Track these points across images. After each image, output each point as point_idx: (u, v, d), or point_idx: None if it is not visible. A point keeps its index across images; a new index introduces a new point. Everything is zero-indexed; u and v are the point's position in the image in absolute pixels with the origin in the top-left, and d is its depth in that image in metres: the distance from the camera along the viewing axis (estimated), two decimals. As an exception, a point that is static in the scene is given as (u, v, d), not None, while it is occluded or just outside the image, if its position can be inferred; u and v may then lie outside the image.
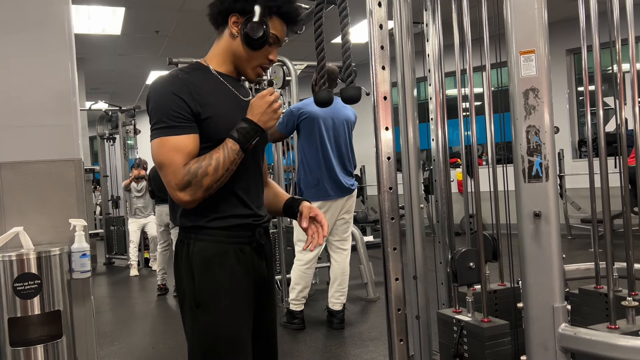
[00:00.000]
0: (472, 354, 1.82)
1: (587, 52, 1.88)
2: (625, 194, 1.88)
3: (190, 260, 1.44)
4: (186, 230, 1.47)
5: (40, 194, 2.38)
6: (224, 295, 1.44)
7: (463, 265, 1.89)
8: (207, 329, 1.43)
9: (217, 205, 1.44)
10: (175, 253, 1.51)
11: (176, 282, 1.52)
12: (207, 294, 1.42)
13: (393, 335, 1.77)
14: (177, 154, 1.36)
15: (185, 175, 1.36)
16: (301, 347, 3.50)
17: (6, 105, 2.37)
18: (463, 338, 1.85)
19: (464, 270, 1.89)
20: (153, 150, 1.39)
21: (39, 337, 2.23)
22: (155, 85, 1.43)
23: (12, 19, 2.38)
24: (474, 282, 1.91)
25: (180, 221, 1.48)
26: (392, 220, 1.78)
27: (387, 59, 1.76)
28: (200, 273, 1.43)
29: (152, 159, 1.41)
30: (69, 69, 2.47)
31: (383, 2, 1.76)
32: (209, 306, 1.42)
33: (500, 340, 1.78)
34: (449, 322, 1.94)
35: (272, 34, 1.48)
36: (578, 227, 6.95)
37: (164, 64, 4.97)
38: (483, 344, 1.76)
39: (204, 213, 1.44)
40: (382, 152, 1.75)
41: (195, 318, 1.43)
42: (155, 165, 1.41)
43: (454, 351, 1.86)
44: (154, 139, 1.39)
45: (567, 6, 6.12)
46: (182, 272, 1.46)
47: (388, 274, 1.76)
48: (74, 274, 2.32)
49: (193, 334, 1.44)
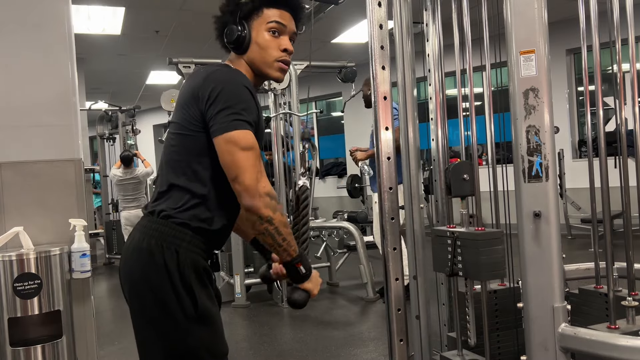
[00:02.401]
0: (467, 263, 1.79)
1: (587, 52, 1.88)
2: (625, 194, 1.88)
3: (181, 270, 1.34)
4: (177, 232, 1.36)
5: (40, 194, 2.38)
6: (215, 310, 1.42)
7: (457, 177, 1.87)
8: (206, 344, 1.38)
9: (224, 212, 1.43)
10: (152, 258, 1.35)
11: (152, 291, 1.35)
12: (206, 308, 1.37)
13: (393, 335, 1.77)
14: (260, 156, 1.35)
15: (272, 190, 1.33)
16: (301, 347, 3.50)
17: (6, 105, 2.38)
18: (457, 249, 1.83)
19: (458, 182, 1.87)
20: (240, 135, 1.31)
21: (39, 337, 2.23)
22: (232, 76, 1.38)
23: (12, 19, 2.39)
24: (467, 194, 1.89)
25: (185, 215, 1.37)
26: (392, 220, 1.78)
27: (387, 59, 1.76)
28: (196, 286, 1.36)
29: (236, 141, 1.31)
30: (69, 69, 2.47)
31: (383, 2, 1.76)
32: (209, 321, 1.38)
33: (494, 248, 1.75)
34: (443, 236, 1.91)
35: (274, 22, 1.45)
36: (578, 227, 6.95)
37: (164, 64, 4.96)
38: (478, 250, 1.74)
39: (215, 220, 1.40)
40: (382, 152, 1.75)
41: (190, 332, 1.35)
42: (237, 147, 1.31)
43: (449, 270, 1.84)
44: (241, 128, 1.32)
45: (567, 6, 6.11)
46: (169, 282, 1.34)
47: (388, 274, 1.76)
48: (74, 274, 2.32)
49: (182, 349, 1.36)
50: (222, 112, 1.32)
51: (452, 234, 1.84)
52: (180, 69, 4.60)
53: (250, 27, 1.46)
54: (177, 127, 1.43)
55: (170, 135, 1.46)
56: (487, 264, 1.72)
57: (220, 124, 1.32)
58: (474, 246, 1.75)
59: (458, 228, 1.87)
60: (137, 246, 1.39)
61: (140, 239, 1.39)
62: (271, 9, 1.46)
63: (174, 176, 1.41)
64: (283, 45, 1.48)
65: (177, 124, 1.43)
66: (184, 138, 1.40)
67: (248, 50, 1.47)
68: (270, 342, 3.65)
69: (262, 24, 1.46)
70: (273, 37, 1.47)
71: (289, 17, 1.49)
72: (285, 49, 1.48)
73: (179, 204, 1.38)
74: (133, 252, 1.40)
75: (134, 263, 1.40)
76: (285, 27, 1.48)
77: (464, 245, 1.80)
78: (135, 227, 1.46)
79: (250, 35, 1.46)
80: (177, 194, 1.39)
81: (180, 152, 1.41)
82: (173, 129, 1.45)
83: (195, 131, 1.38)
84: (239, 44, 1.46)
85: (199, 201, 1.38)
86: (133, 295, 1.42)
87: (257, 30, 1.46)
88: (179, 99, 1.46)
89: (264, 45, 1.46)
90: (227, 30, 1.46)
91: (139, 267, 1.39)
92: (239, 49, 1.47)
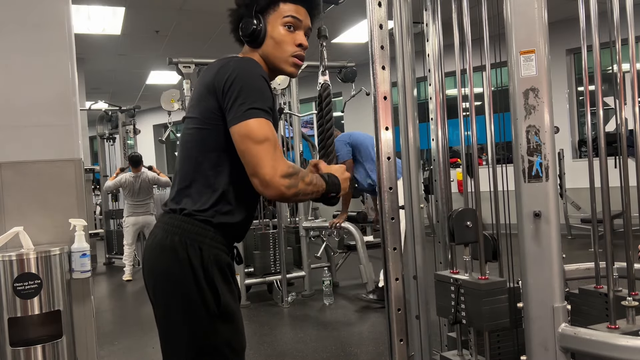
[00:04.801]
0: (470, 312, 1.80)
1: (587, 52, 1.88)
2: (625, 194, 1.88)
3: (205, 267, 1.35)
4: (200, 228, 1.37)
5: (40, 194, 2.38)
6: (236, 306, 1.43)
7: (460, 224, 1.88)
8: (227, 340, 1.39)
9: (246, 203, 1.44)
10: (175, 255, 1.36)
11: (176, 288, 1.37)
12: (228, 305, 1.38)
13: (393, 335, 1.77)
14: (277, 142, 1.34)
15: (290, 167, 1.32)
16: (301, 347, 3.50)
17: (6, 105, 2.38)
18: (460, 297, 1.84)
19: (461, 229, 1.88)
20: (255, 126, 1.30)
21: (39, 337, 2.23)
22: (247, 65, 1.37)
23: (13, 19, 2.38)
24: (470, 240, 1.90)
25: (207, 211, 1.37)
26: (392, 220, 1.78)
27: (387, 59, 1.76)
28: (219, 282, 1.37)
29: (250, 134, 1.30)
30: (69, 69, 2.47)
31: (383, 2, 1.76)
32: (231, 317, 1.39)
33: (497, 297, 1.76)
34: (446, 282, 1.92)
35: (290, 17, 1.45)
36: (578, 227, 6.95)
37: (164, 64, 4.96)
38: (480, 300, 1.75)
39: (236, 212, 1.41)
40: (382, 152, 1.75)
41: (213, 328, 1.37)
42: (252, 140, 1.30)
43: (453, 318, 1.85)
44: (256, 117, 1.30)
45: (567, 6, 6.12)
46: (193, 279, 1.35)
47: (388, 274, 1.76)
48: (74, 274, 2.32)
49: (204, 343, 1.37)
50: (237, 101, 1.31)
51: (456, 282, 1.86)
52: (180, 69, 4.60)
53: (266, 21, 1.46)
54: (194, 121, 1.42)
55: (188, 131, 1.44)
56: (490, 313, 1.76)
57: (236, 112, 1.31)
58: (476, 295, 1.78)
59: (461, 275, 1.89)
60: (161, 243, 1.40)
61: (164, 237, 1.39)
62: (287, 3, 1.46)
63: (193, 172, 1.40)
64: (298, 40, 1.48)
65: (194, 119, 1.42)
66: (203, 132, 1.40)
67: (263, 45, 1.47)
68: (270, 342, 3.65)
69: (278, 18, 1.46)
70: (288, 31, 1.46)
71: (305, 12, 1.49)
72: (300, 44, 1.48)
73: (200, 200, 1.38)
74: (156, 249, 1.41)
75: (158, 260, 1.40)
76: (301, 22, 1.48)
77: (467, 294, 1.82)
78: (156, 225, 1.47)
79: (266, 29, 1.46)
80: (198, 190, 1.39)
81: (200, 146, 1.40)
82: (191, 124, 1.43)
83: (214, 124, 1.37)
84: (254, 38, 1.45)
85: (220, 195, 1.39)
86: (158, 292, 1.42)
87: (272, 25, 1.46)
88: (194, 95, 1.45)
89: (279, 39, 1.46)
90: (242, 24, 1.46)
91: (163, 264, 1.39)
92: (253, 43, 1.47)
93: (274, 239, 4.88)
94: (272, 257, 4.88)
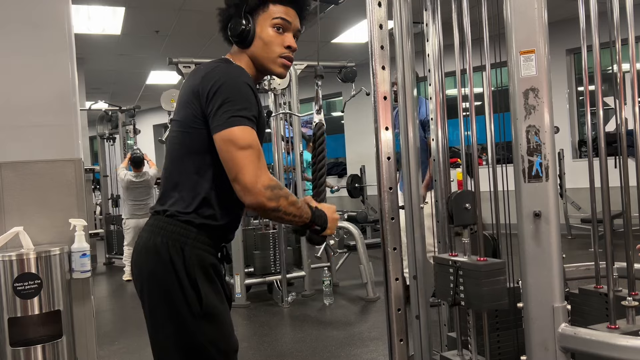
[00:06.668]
0: (469, 293, 1.80)
1: (587, 52, 1.88)
2: (625, 194, 1.88)
3: (187, 267, 1.37)
4: (182, 229, 1.39)
5: (40, 194, 2.38)
6: (222, 307, 1.43)
7: (459, 206, 1.88)
8: (212, 340, 1.39)
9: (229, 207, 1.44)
10: (158, 256, 1.38)
11: (160, 288, 1.39)
12: (212, 305, 1.38)
13: (393, 335, 1.77)
14: (261, 152, 1.35)
15: (273, 181, 1.33)
16: (301, 347, 3.50)
17: (6, 105, 2.38)
18: (459, 279, 1.84)
19: (460, 211, 1.88)
20: (238, 133, 1.30)
21: (39, 337, 2.23)
22: (231, 72, 1.37)
23: (12, 19, 2.39)
24: (469, 223, 1.90)
25: (190, 212, 1.39)
26: (392, 220, 1.78)
27: (387, 59, 1.76)
28: (202, 282, 1.38)
29: (234, 140, 1.30)
30: (69, 69, 2.47)
31: (383, 2, 1.76)
32: (215, 317, 1.39)
33: (496, 279, 1.75)
34: (445, 265, 1.91)
35: (279, 18, 1.45)
36: (578, 227, 6.96)
37: (164, 64, 4.96)
38: (480, 282, 1.74)
39: (219, 216, 1.42)
40: (382, 152, 1.75)
41: (196, 328, 1.37)
42: (235, 146, 1.30)
43: (452, 300, 1.84)
44: (240, 125, 1.31)
45: (567, 6, 6.12)
46: (175, 279, 1.37)
47: (388, 274, 1.76)
48: (74, 274, 2.32)
49: (189, 343, 1.38)
50: (221, 109, 1.32)
51: (455, 264, 1.86)
52: (180, 69, 4.60)
53: (255, 21, 1.46)
54: (179, 125, 1.43)
55: (173, 134, 1.46)
56: (489, 294, 1.74)
57: (219, 120, 1.32)
58: (475, 277, 1.77)
59: (460, 257, 1.89)
60: (146, 245, 1.42)
61: (148, 238, 1.42)
62: (277, 5, 1.46)
63: (177, 174, 1.42)
64: (287, 42, 1.48)
65: (179, 122, 1.43)
66: (186, 136, 1.41)
67: (251, 45, 1.47)
68: (270, 342, 3.65)
69: (267, 19, 1.46)
70: (277, 33, 1.47)
71: (294, 14, 1.49)
72: (289, 45, 1.48)
73: (184, 203, 1.40)
74: (142, 251, 1.44)
75: (144, 262, 1.43)
76: (290, 24, 1.48)
77: (465, 276, 1.81)
78: (144, 227, 1.49)
79: (255, 30, 1.46)
80: (182, 192, 1.41)
81: (183, 150, 1.42)
82: (175, 127, 1.45)
83: (197, 128, 1.38)
84: (243, 38, 1.46)
85: (202, 199, 1.40)
86: (144, 293, 1.44)
87: (261, 26, 1.46)
88: (181, 97, 1.46)
89: (267, 40, 1.46)
90: (231, 24, 1.46)
91: (147, 265, 1.41)
92: (242, 43, 1.47)
93: (274, 239, 4.88)
94: (272, 257, 4.88)
